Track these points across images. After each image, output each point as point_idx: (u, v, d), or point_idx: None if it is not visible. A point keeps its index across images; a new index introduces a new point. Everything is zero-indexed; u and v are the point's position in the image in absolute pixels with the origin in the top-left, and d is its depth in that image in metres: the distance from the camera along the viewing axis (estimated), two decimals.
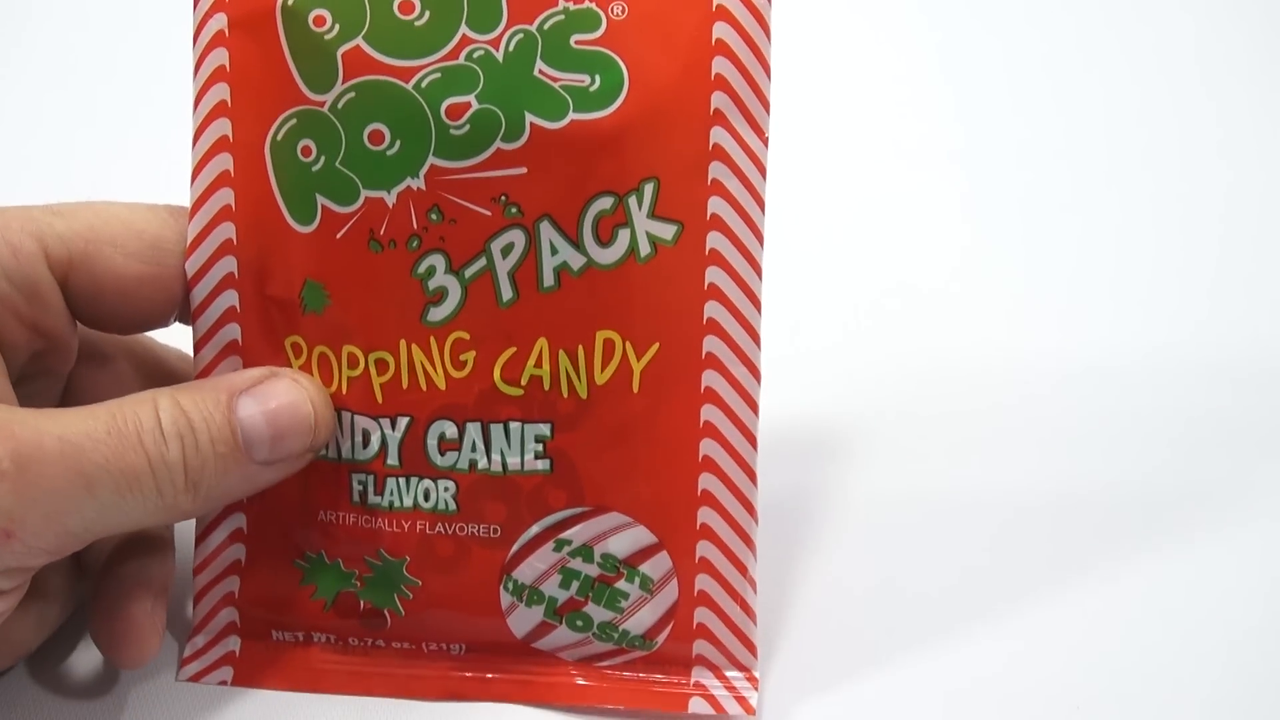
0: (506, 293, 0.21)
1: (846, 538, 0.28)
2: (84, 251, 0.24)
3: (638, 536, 0.22)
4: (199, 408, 0.23)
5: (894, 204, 0.43)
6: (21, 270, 0.23)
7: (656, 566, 0.22)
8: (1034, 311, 0.39)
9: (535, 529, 0.22)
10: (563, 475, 0.22)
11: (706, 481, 0.22)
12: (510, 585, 0.23)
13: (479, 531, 0.22)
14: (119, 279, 0.24)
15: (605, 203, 0.21)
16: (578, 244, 0.21)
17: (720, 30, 0.21)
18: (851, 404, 0.34)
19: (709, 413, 0.22)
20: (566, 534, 0.22)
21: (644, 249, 0.21)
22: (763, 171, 0.22)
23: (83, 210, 0.24)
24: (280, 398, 0.23)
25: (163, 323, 0.25)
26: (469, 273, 0.21)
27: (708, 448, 0.22)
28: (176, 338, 0.25)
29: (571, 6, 0.21)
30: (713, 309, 0.22)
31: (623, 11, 0.21)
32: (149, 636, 0.23)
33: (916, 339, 0.37)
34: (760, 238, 0.22)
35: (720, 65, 0.21)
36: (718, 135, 0.21)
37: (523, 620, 0.23)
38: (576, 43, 0.21)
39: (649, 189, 0.21)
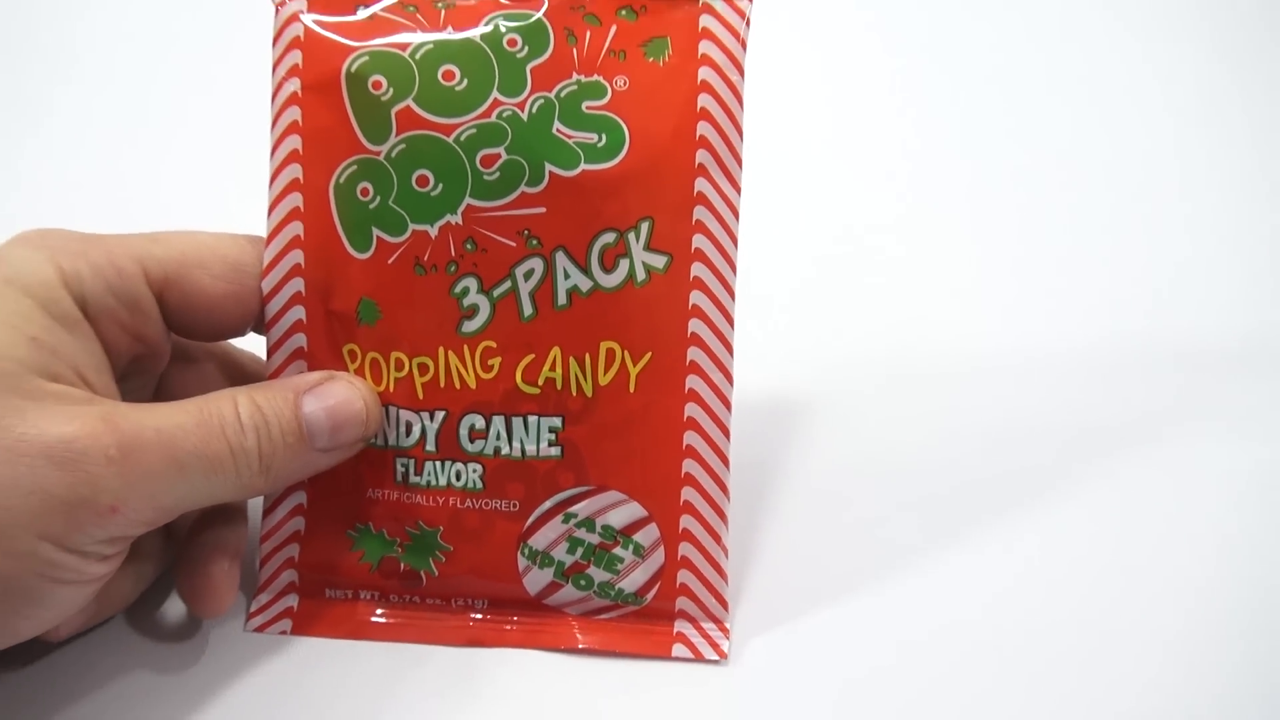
0: (527, 309, 0.26)
1: (801, 505, 0.32)
2: (177, 273, 0.27)
3: (632, 511, 0.27)
4: (271, 404, 0.26)
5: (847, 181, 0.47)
6: (125, 288, 0.26)
7: (647, 536, 0.27)
8: (981, 293, 0.42)
9: (548, 504, 0.27)
10: (571, 460, 0.26)
11: (689, 466, 0.27)
12: (526, 551, 0.27)
13: (501, 506, 0.27)
14: (205, 296, 0.27)
15: (609, 237, 0.25)
16: (586, 270, 0.26)
17: (703, 100, 0.26)
18: (808, 382, 0.37)
19: (691, 409, 0.26)
20: (573, 508, 0.27)
21: (640, 275, 0.26)
22: (736, 213, 0.26)
23: (176, 238, 0.27)
24: (337, 396, 0.27)
25: (240, 332, 0.28)
26: (497, 293, 0.26)
27: (690, 438, 0.26)
28: (252, 344, 0.29)
29: (583, 79, 0.26)
30: (695, 325, 0.26)
31: (625, 84, 0.26)
32: (225, 592, 0.27)
33: (866, 322, 0.40)
34: (734, 267, 0.26)
35: (703, 128, 0.26)
36: (700, 184, 0.26)
37: (536, 580, 0.27)
38: (587, 108, 0.25)
39: (645, 226, 0.26)
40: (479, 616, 0.28)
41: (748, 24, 0.26)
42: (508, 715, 0.26)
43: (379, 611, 0.28)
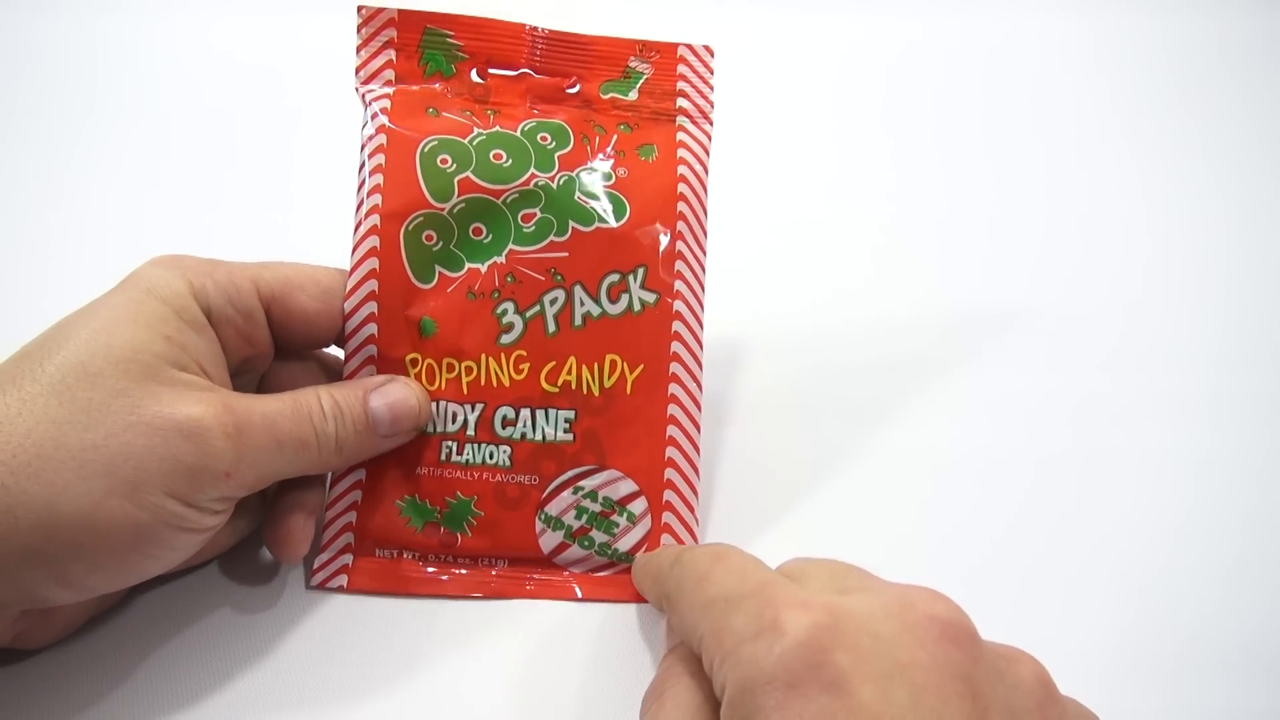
0: (551, 328, 0.34)
1: (751, 481, 0.39)
2: (282, 293, 0.34)
3: (626, 486, 0.34)
4: (346, 400, 0.33)
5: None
6: (241, 301, 0.33)
7: (637, 506, 0.34)
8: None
9: (561, 478, 0.34)
10: (581, 445, 0.34)
11: (670, 452, 0.34)
12: (543, 516, 0.34)
13: (525, 480, 0.34)
14: (303, 312, 0.34)
15: (614, 277, 0.34)
16: (597, 300, 0.34)
17: (681, 187, 0.35)
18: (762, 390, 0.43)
19: (672, 409, 0.34)
20: (582, 482, 0.34)
21: (637, 306, 0.34)
22: (703, 266, 0.35)
23: (282, 266, 0.34)
24: (397, 395, 0.34)
25: (328, 344, 0.35)
26: (529, 314, 0.34)
27: (672, 431, 0.34)
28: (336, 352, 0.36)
29: (595, 165, 0.35)
30: (675, 346, 0.34)
31: (625, 173, 0.35)
32: (301, 542, 0.33)
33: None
34: (702, 303, 0.35)
35: (681, 206, 0.35)
36: (680, 244, 0.35)
37: (549, 541, 0.34)
38: (600, 186, 0.35)
39: (641, 271, 0.34)
40: (500, 573, 0.34)
41: (709, 137, 0.36)
42: (526, 650, 0.33)
43: (420, 569, 0.34)
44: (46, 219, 0.52)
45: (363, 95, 0.35)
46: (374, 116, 0.35)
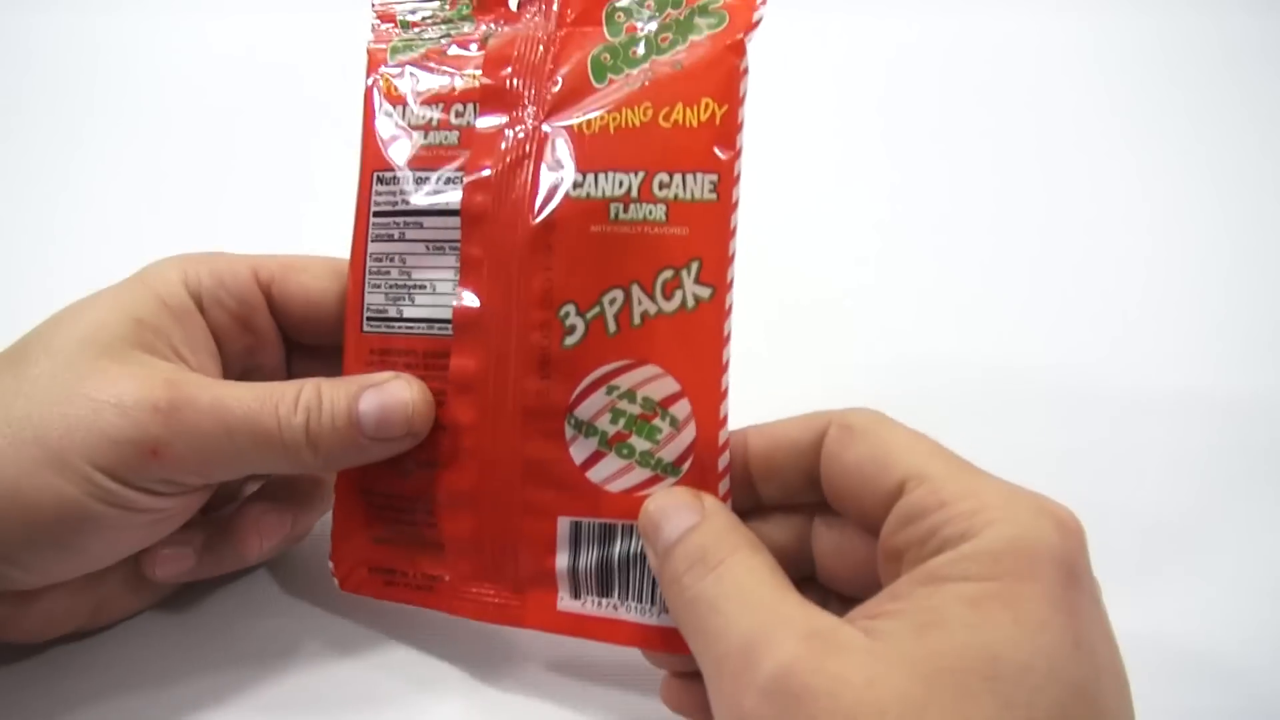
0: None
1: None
2: (282, 275, 0.34)
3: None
4: (331, 393, 0.32)
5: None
6: (235, 285, 0.33)
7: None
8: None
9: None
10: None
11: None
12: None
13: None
14: (306, 291, 0.34)
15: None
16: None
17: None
18: None
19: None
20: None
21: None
22: None
23: (292, 256, 0.35)
24: (394, 395, 0.32)
25: (337, 330, 0.35)
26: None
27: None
28: None
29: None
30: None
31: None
32: (247, 546, 0.34)
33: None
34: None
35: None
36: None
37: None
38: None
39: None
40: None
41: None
42: None
43: None
44: (47, 219, 0.53)
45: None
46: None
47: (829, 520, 0.32)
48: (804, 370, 0.47)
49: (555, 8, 0.36)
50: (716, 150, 0.33)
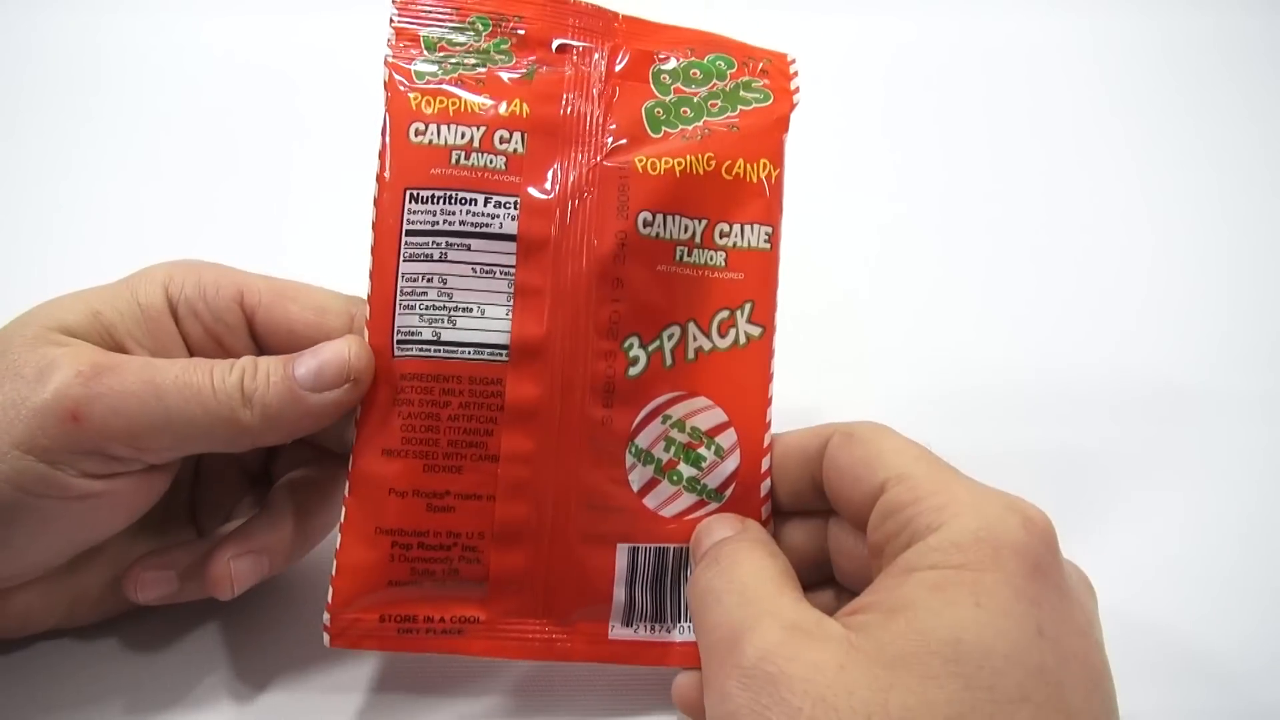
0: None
1: None
2: (269, 300, 0.33)
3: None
4: (267, 360, 0.31)
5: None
6: (215, 300, 0.32)
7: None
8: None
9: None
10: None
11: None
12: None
13: None
14: (289, 322, 0.33)
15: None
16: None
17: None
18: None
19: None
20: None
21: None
22: None
23: (282, 280, 0.34)
24: (329, 349, 0.31)
25: None
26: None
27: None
28: None
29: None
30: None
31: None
32: (221, 580, 0.32)
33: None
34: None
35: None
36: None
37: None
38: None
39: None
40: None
41: None
42: None
43: None
44: (47, 218, 0.53)
45: None
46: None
47: (840, 523, 0.34)
48: (804, 370, 0.47)
49: (601, 59, 0.37)
50: (771, 206, 0.36)
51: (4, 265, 0.50)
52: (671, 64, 0.37)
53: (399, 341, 0.34)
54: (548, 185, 0.35)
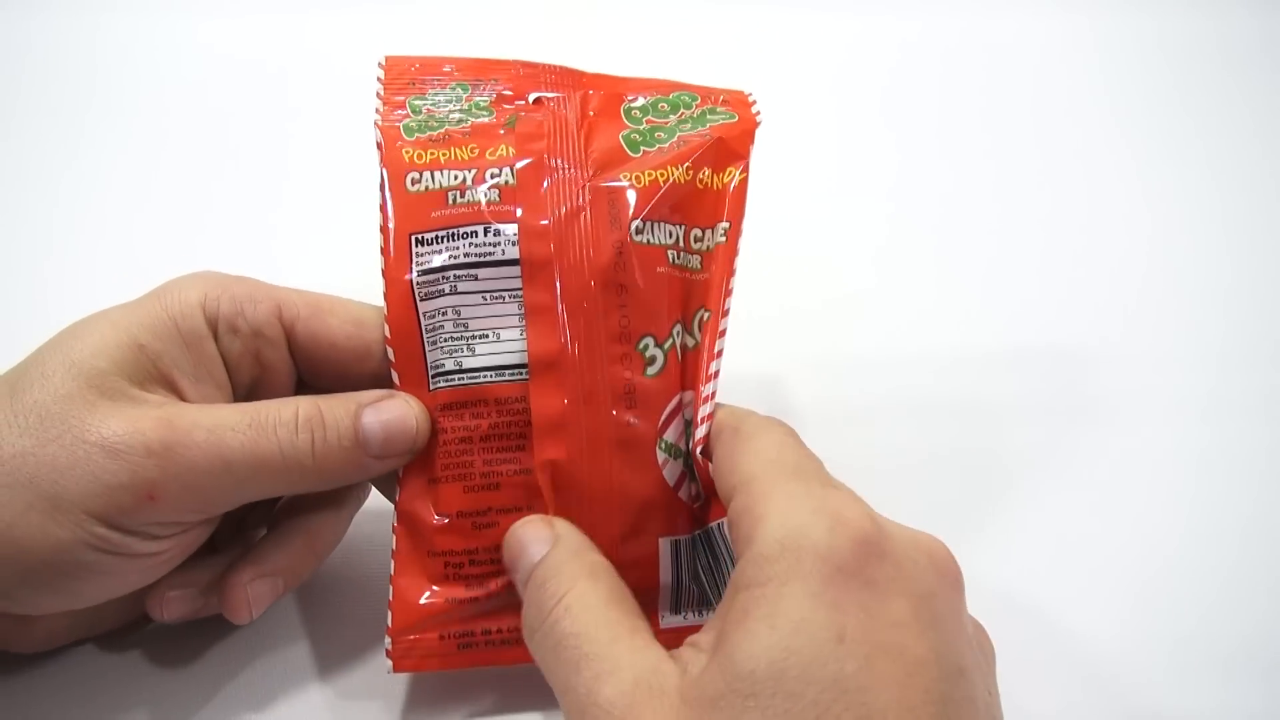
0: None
1: None
2: (307, 315, 0.33)
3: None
4: (333, 411, 0.31)
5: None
6: (255, 316, 0.32)
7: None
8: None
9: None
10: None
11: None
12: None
13: None
14: (328, 336, 0.33)
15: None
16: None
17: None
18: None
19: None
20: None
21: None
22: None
23: (317, 294, 0.34)
24: (393, 412, 0.32)
25: (364, 382, 0.34)
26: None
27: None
28: None
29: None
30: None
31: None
32: (239, 605, 0.33)
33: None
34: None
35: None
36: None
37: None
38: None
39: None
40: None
41: None
42: None
43: None
44: (47, 218, 0.53)
45: None
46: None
47: None
48: (804, 371, 0.48)
49: (575, 103, 0.40)
50: (734, 203, 0.38)
51: (4, 265, 0.50)
52: (640, 101, 0.40)
53: (433, 376, 0.35)
54: (541, 209, 0.37)
